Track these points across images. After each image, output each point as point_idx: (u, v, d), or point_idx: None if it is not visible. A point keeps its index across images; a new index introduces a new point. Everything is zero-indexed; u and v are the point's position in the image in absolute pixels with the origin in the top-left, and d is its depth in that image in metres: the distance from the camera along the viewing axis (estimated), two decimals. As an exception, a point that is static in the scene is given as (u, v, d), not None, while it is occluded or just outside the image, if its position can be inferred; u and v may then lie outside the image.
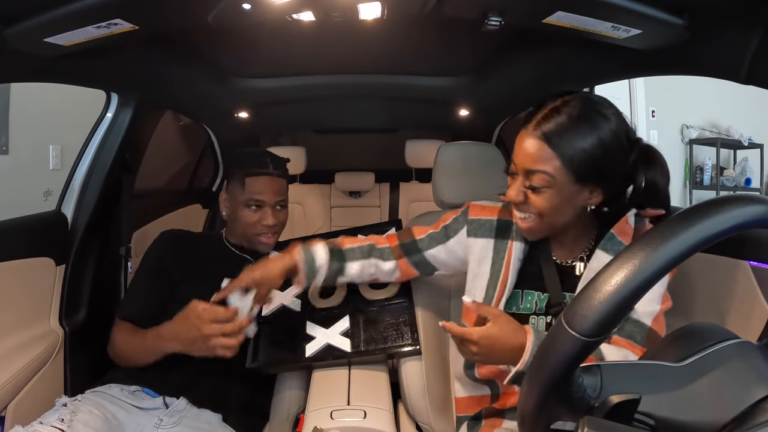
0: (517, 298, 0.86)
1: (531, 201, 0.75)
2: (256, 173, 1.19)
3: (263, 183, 1.19)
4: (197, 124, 2.13)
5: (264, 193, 1.18)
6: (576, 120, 0.71)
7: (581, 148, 0.70)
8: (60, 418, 0.83)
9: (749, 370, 0.42)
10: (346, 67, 1.56)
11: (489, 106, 1.86)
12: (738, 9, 0.74)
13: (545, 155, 0.71)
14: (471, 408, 0.95)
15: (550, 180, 0.72)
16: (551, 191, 0.73)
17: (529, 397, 0.42)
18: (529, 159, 0.73)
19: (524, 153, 0.73)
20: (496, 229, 0.89)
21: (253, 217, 1.19)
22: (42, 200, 1.85)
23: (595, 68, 1.23)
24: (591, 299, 0.38)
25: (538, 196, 0.74)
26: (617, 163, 0.73)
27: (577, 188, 0.73)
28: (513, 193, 0.77)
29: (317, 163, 2.64)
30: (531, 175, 0.73)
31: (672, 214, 0.40)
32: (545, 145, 0.71)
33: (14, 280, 1.06)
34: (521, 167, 0.75)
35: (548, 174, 0.71)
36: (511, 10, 0.84)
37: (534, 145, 0.72)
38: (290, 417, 1.11)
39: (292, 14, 0.86)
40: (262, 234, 1.21)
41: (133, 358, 1.05)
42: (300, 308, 1.15)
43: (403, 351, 1.05)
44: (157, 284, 1.13)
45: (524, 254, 0.87)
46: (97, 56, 1.02)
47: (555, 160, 0.71)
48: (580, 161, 0.70)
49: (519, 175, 0.76)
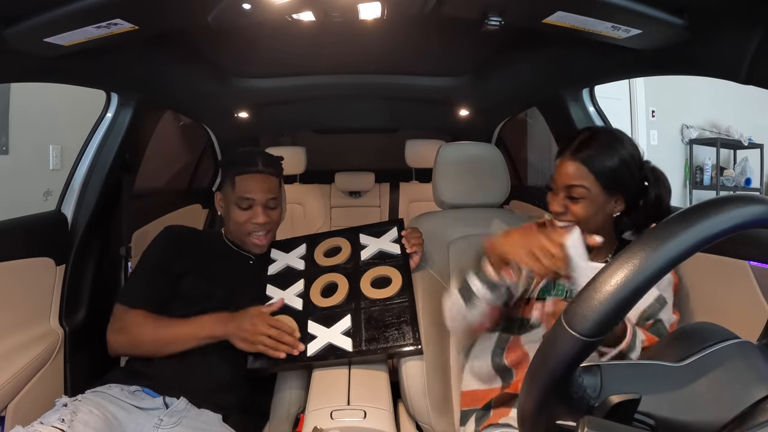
0: (550, 287, 1.01)
1: (570, 210, 0.93)
2: (245, 171, 1.19)
3: (253, 181, 1.19)
4: (197, 124, 2.13)
5: (253, 191, 1.18)
6: (603, 147, 0.92)
7: (608, 165, 0.90)
8: (60, 418, 0.83)
9: (749, 370, 0.42)
10: (346, 67, 1.56)
11: (489, 106, 1.86)
12: (738, 9, 0.74)
13: (582, 173, 0.91)
14: (478, 401, 0.98)
15: (586, 191, 0.91)
16: (587, 201, 0.92)
17: (529, 397, 0.42)
18: (569, 176, 0.92)
19: (565, 173, 0.93)
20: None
21: (243, 216, 1.19)
22: (42, 200, 1.85)
23: (595, 68, 1.23)
24: (591, 299, 0.38)
25: (576, 205, 0.92)
26: (633, 176, 0.93)
27: (606, 197, 0.92)
28: (556, 206, 0.95)
29: (317, 163, 2.64)
30: (571, 189, 0.92)
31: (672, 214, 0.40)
32: (582, 165, 0.91)
33: (14, 280, 1.06)
34: (562, 184, 0.94)
35: (584, 187, 0.91)
36: (511, 10, 0.84)
37: (573, 166, 0.92)
38: (290, 417, 1.11)
39: (292, 14, 0.86)
40: (253, 233, 1.21)
41: (156, 344, 1.04)
42: (301, 307, 1.15)
43: (404, 350, 1.05)
44: (159, 277, 1.12)
45: None
46: (97, 56, 1.02)
47: (590, 176, 0.91)
48: (607, 175, 0.91)
49: (560, 192, 0.95)
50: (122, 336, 1.07)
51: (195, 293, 1.12)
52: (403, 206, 2.67)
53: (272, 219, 1.22)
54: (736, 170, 3.77)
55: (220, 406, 1.03)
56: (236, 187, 1.18)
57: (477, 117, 1.99)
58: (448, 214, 1.29)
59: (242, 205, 1.18)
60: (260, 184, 1.19)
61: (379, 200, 2.72)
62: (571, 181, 0.92)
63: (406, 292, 1.13)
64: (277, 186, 1.24)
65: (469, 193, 1.27)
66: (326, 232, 1.35)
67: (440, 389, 1.08)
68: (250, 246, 1.23)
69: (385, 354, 1.07)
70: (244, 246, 1.23)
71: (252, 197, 1.18)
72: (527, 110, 2.34)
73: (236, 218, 1.19)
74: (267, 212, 1.20)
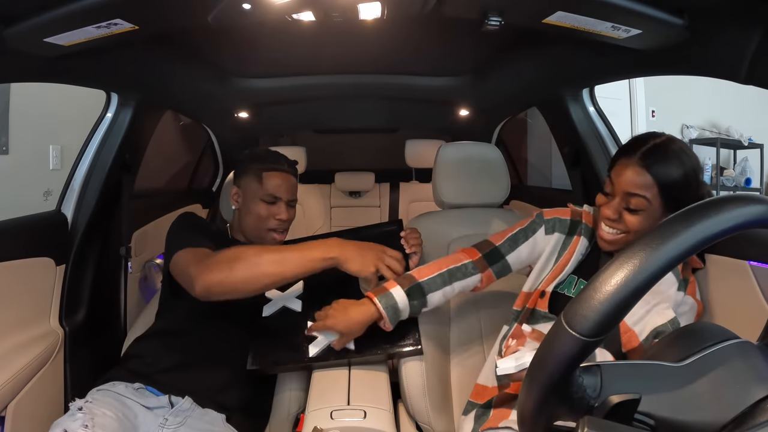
0: (571, 284, 0.97)
1: (625, 220, 0.87)
2: (274, 168, 1.21)
3: (281, 179, 1.21)
4: (197, 124, 2.13)
5: (281, 188, 1.21)
6: (673, 158, 0.84)
7: (675, 179, 0.83)
8: (84, 424, 0.83)
9: (749, 370, 0.42)
10: (346, 67, 1.56)
11: (489, 106, 1.86)
12: (738, 9, 0.74)
13: (647, 183, 0.84)
14: (480, 396, 0.98)
15: (647, 203, 0.84)
16: (645, 213, 0.85)
17: (529, 397, 0.42)
18: (632, 184, 0.85)
19: (628, 179, 0.85)
20: (569, 227, 1.01)
21: (268, 210, 1.20)
22: (42, 200, 1.85)
23: (595, 68, 1.23)
24: (591, 299, 0.38)
25: (633, 217, 0.86)
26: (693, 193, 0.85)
27: (663, 212, 0.85)
28: (610, 212, 0.88)
29: (317, 163, 2.64)
30: (630, 198, 0.85)
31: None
32: (648, 175, 0.83)
33: (14, 280, 1.06)
34: (622, 190, 0.86)
35: (646, 199, 0.84)
36: (511, 10, 0.84)
37: (637, 173, 0.84)
38: (290, 417, 1.11)
39: (292, 14, 0.86)
40: (274, 230, 1.22)
41: (262, 269, 0.94)
42: (301, 309, 1.15)
43: (404, 351, 1.05)
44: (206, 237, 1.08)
45: (587, 250, 0.98)
46: (97, 56, 1.02)
47: (654, 188, 0.84)
48: (671, 189, 0.84)
49: (617, 197, 0.88)
50: (222, 267, 0.93)
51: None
52: (403, 206, 2.67)
53: (291, 218, 1.24)
54: (736, 170, 3.77)
55: (223, 407, 1.03)
56: (264, 183, 1.20)
57: (477, 117, 1.99)
58: (448, 214, 1.29)
59: (268, 201, 1.20)
60: (287, 183, 1.22)
61: (379, 200, 2.72)
62: (634, 190, 0.85)
63: None
64: (296, 187, 1.27)
65: (469, 193, 1.27)
66: (326, 233, 1.35)
67: (440, 389, 1.08)
68: (268, 241, 1.23)
69: (385, 355, 1.07)
70: (261, 241, 1.23)
71: (279, 195, 1.21)
72: (527, 110, 2.35)
73: (260, 212, 1.20)
74: (288, 210, 1.23)
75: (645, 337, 0.86)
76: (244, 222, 1.23)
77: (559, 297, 0.96)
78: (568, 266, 0.97)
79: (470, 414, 0.97)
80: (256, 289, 0.97)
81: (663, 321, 0.84)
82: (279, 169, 1.22)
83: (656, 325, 0.84)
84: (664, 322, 0.85)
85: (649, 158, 0.84)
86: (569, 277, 0.97)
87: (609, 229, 0.90)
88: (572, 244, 0.99)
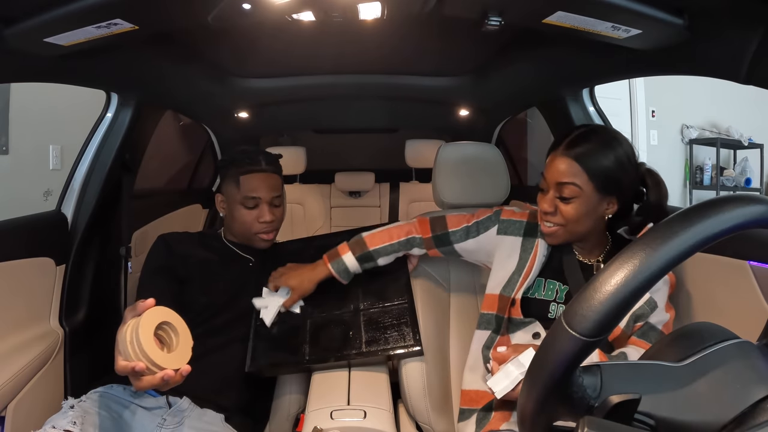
0: (540, 286, 0.98)
1: (560, 210, 0.89)
2: (249, 170, 1.18)
3: (258, 179, 1.18)
4: (197, 124, 2.13)
5: (259, 189, 1.18)
6: (599, 144, 0.87)
7: (603, 164, 0.86)
8: (72, 421, 0.83)
9: (749, 370, 0.42)
10: (346, 67, 1.56)
11: (489, 106, 1.86)
12: (738, 9, 0.74)
13: (575, 171, 0.86)
14: (478, 401, 0.97)
15: (579, 191, 0.87)
16: (579, 200, 0.87)
17: (530, 397, 0.42)
18: (560, 173, 0.88)
19: (557, 170, 0.88)
20: (525, 229, 1.03)
21: (250, 215, 1.18)
22: (42, 200, 1.85)
23: (595, 68, 1.23)
24: (591, 299, 0.38)
25: (567, 206, 0.88)
26: (628, 177, 0.88)
27: (599, 198, 0.88)
28: (545, 205, 0.91)
29: (317, 163, 2.64)
30: (562, 187, 0.88)
31: (671, 214, 0.40)
32: (575, 162, 0.87)
33: (14, 280, 1.06)
34: (553, 181, 0.89)
35: (577, 185, 0.86)
36: (511, 10, 0.84)
37: (565, 163, 0.87)
38: (290, 417, 1.11)
39: (292, 14, 0.86)
40: (261, 232, 1.20)
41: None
42: (300, 310, 1.15)
43: (404, 352, 1.05)
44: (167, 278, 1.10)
45: (548, 251, 1.00)
46: (97, 56, 1.02)
47: (583, 175, 0.86)
48: (601, 175, 0.86)
49: (550, 190, 0.90)
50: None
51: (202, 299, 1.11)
52: (403, 206, 2.67)
53: (277, 217, 1.22)
54: (736, 170, 3.77)
55: (222, 407, 1.03)
56: (241, 187, 1.17)
57: (477, 117, 1.99)
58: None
59: (248, 205, 1.17)
60: (265, 182, 1.19)
61: (379, 200, 2.72)
62: (563, 179, 0.87)
63: (405, 294, 1.13)
64: (280, 183, 1.24)
65: (468, 193, 1.27)
66: (326, 234, 1.35)
67: (440, 389, 1.08)
68: (257, 242, 1.22)
69: (385, 355, 1.07)
70: (249, 243, 1.23)
71: (258, 196, 1.18)
72: (527, 110, 2.34)
73: (242, 218, 1.18)
74: (272, 210, 1.20)
75: (626, 324, 0.88)
76: (233, 227, 1.23)
77: (531, 301, 0.97)
78: (533, 271, 0.98)
79: (471, 418, 0.97)
80: None
81: (640, 304, 0.86)
82: (255, 170, 1.18)
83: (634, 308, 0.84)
84: (641, 304, 0.88)
85: (573, 147, 0.87)
86: (537, 281, 0.98)
87: (547, 222, 0.93)
88: (534, 249, 1.00)
